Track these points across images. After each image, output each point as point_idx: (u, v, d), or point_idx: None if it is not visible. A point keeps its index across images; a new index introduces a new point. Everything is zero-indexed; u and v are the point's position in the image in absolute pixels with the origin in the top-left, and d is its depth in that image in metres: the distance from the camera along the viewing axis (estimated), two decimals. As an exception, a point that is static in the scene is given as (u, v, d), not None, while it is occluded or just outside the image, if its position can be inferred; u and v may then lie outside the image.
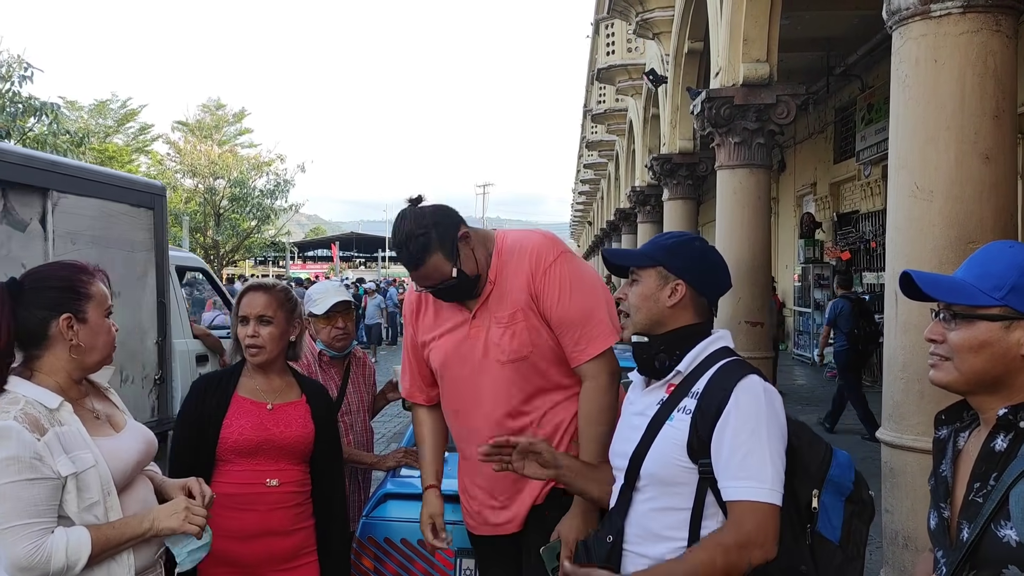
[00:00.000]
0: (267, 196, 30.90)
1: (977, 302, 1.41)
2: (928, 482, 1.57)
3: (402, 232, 2.32)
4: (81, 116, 31.10)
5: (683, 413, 1.82)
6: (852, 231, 14.73)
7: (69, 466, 1.82)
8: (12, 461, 1.76)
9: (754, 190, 7.36)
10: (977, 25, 3.43)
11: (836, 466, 1.81)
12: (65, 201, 4.14)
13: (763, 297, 7.53)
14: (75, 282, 1.97)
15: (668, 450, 1.81)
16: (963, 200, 3.46)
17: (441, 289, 2.37)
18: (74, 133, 20.39)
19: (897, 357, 3.68)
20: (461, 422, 2.52)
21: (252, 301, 2.58)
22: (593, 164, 30.46)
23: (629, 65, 14.98)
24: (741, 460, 1.72)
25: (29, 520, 1.77)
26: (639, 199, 16.04)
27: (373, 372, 3.54)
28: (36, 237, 3.99)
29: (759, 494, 1.70)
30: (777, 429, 1.77)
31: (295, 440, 2.55)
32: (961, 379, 1.45)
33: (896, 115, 3.73)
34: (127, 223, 4.66)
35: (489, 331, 2.39)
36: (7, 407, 1.83)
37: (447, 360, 2.47)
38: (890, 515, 3.73)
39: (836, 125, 15.26)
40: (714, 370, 1.84)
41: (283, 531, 2.52)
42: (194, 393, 2.63)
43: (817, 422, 10.04)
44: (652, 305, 1.92)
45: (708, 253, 1.99)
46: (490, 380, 2.39)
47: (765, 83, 7.31)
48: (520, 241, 2.43)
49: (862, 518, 1.81)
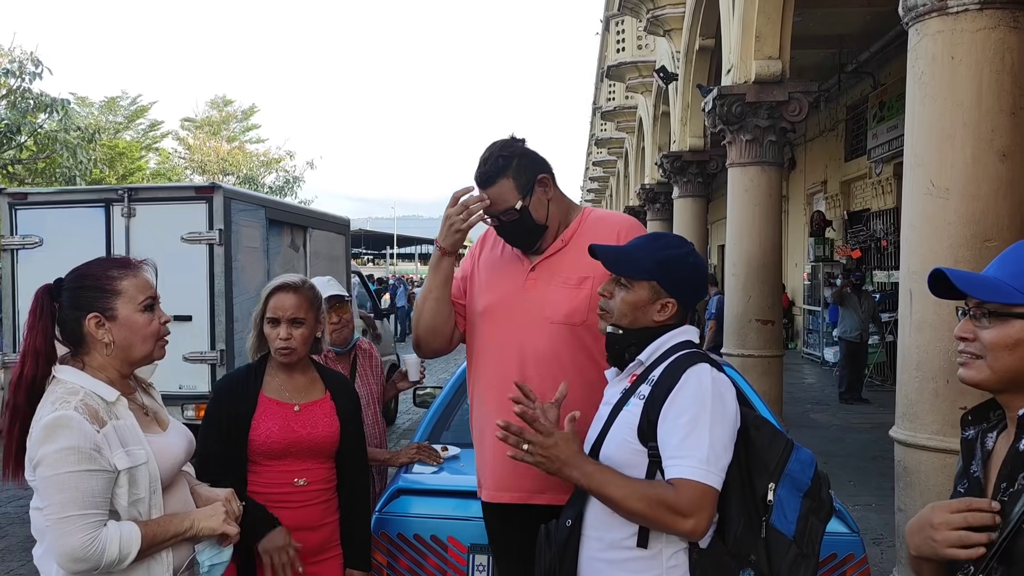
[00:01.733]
0: (276, 193, 30.99)
1: (1013, 300, 1.40)
2: (957, 484, 1.56)
3: (488, 151, 2.35)
4: (92, 112, 31.23)
5: (638, 398, 1.89)
6: (863, 229, 14.67)
7: (125, 460, 1.83)
8: (72, 451, 1.77)
9: (765, 188, 7.34)
10: (994, 21, 3.41)
11: (796, 461, 1.83)
12: (313, 233, 7.80)
13: (774, 295, 7.51)
14: (102, 279, 1.95)
15: (623, 434, 1.88)
16: (979, 198, 3.44)
17: (504, 224, 2.36)
18: (84, 129, 20.46)
19: (912, 356, 3.66)
20: (488, 368, 2.44)
21: (283, 303, 2.54)
22: (602, 161, 30.42)
23: (639, 62, 14.96)
24: (681, 440, 1.77)
25: (86, 511, 1.77)
26: (649, 197, 16.01)
27: (380, 362, 3.54)
28: (302, 256, 7.56)
29: (695, 472, 1.74)
30: (722, 415, 1.80)
31: (322, 440, 2.54)
32: (994, 377, 1.44)
33: (912, 112, 3.71)
34: (335, 243, 8.50)
35: (549, 287, 2.36)
36: (68, 397, 1.83)
37: (493, 305, 2.42)
38: (903, 514, 3.72)
39: (847, 123, 15.20)
40: (671, 359, 1.90)
41: (312, 526, 2.53)
42: (219, 394, 2.60)
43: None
44: (640, 315, 1.96)
45: (698, 270, 2.02)
46: (535, 337, 2.35)
47: (777, 80, 7.28)
48: (610, 215, 2.51)
49: (819, 515, 1.82)
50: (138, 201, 6.19)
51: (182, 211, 6.16)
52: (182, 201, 6.25)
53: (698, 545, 1.79)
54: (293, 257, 7.39)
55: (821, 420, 10.04)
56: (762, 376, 7.19)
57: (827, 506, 1.84)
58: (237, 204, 6.36)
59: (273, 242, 6.97)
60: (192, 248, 6.05)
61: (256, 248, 6.65)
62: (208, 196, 6.10)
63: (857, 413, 10.43)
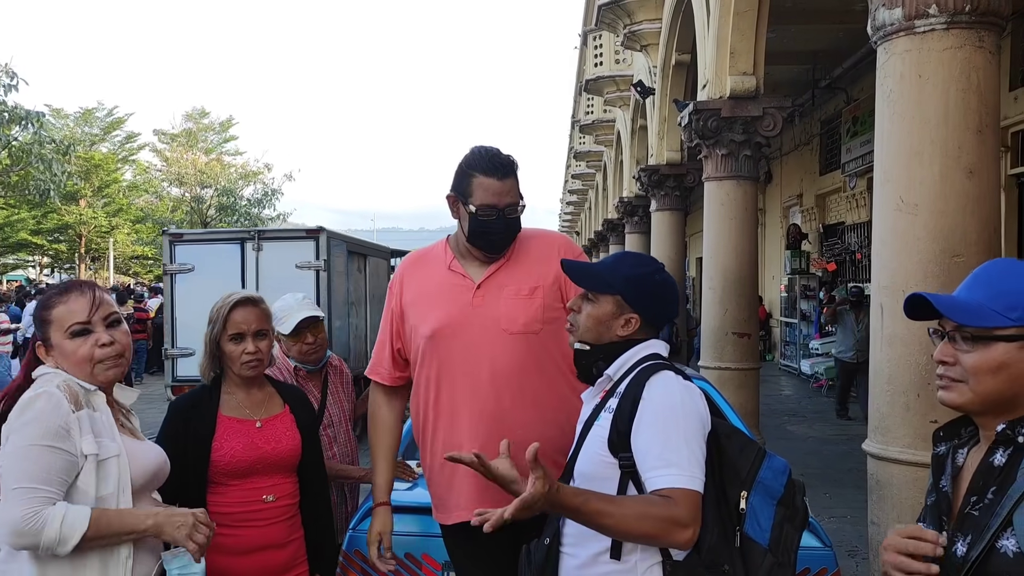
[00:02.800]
0: (255, 205, 30.83)
1: (994, 323, 1.40)
2: (927, 498, 1.58)
3: (495, 149, 2.46)
4: (67, 124, 30.93)
5: (607, 412, 1.90)
6: (838, 242, 14.83)
7: (93, 446, 1.84)
8: (38, 423, 1.78)
9: (741, 202, 7.40)
10: (960, 41, 3.47)
11: (768, 469, 1.84)
12: (370, 259, 10.51)
13: (750, 308, 7.55)
14: (41, 310, 2.02)
15: (595, 447, 1.89)
16: (947, 214, 3.49)
17: (505, 219, 2.41)
18: (59, 142, 20.27)
19: (883, 370, 3.70)
20: (455, 388, 2.43)
21: (246, 316, 2.54)
22: (581, 175, 30.54)
23: (617, 76, 15.05)
24: (660, 451, 1.76)
25: (35, 485, 1.76)
26: (627, 210, 16.09)
27: (350, 379, 3.53)
28: (363, 277, 10.17)
29: (683, 480, 1.73)
30: (694, 420, 1.81)
31: (287, 454, 2.54)
32: (976, 400, 1.43)
33: (881, 129, 3.76)
34: (380, 266, 11.36)
35: (499, 301, 2.42)
36: (51, 378, 1.90)
37: (442, 327, 2.43)
38: (876, 527, 3.75)
39: (822, 137, 15.38)
40: (636, 371, 1.91)
41: (279, 544, 2.51)
42: (174, 415, 2.55)
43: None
44: (604, 330, 1.98)
45: (665, 287, 2.03)
46: (498, 351, 2.39)
47: (752, 96, 7.35)
48: (542, 232, 2.61)
49: (794, 523, 1.82)
50: (264, 239, 8.68)
51: (296, 247, 8.62)
52: (296, 240, 8.80)
53: (671, 556, 1.78)
54: (359, 278, 10.03)
55: (798, 432, 10.10)
56: (739, 389, 7.23)
57: (802, 513, 1.85)
58: (333, 241, 8.74)
59: (349, 267, 9.46)
60: (303, 273, 8.38)
61: (342, 273, 9.15)
62: (315, 236, 8.57)
63: (835, 425, 10.51)
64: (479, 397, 2.39)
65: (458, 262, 2.50)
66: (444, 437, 2.46)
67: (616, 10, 11.25)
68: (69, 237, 32.66)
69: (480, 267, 2.47)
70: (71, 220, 30.87)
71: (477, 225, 2.40)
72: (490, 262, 2.47)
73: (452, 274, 2.49)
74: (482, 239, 2.43)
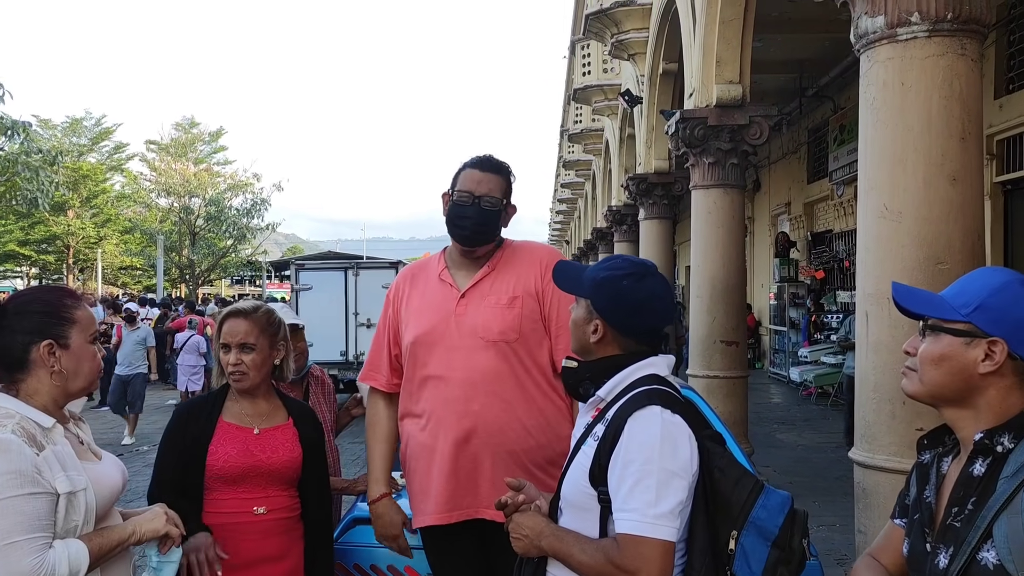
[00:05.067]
0: (244, 215, 30.72)
1: (946, 316, 1.44)
2: (905, 499, 1.57)
3: (488, 155, 2.61)
4: (55, 135, 30.82)
5: (593, 439, 1.82)
6: (826, 250, 14.87)
7: (66, 484, 1.79)
8: (14, 475, 1.72)
9: (728, 210, 7.41)
10: (943, 49, 3.48)
11: (762, 507, 1.72)
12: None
13: (738, 316, 7.56)
14: (58, 307, 1.93)
15: (577, 475, 1.82)
16: (931, 221, 3.50)
17: (480, 207, 2.49)
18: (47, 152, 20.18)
19: (868, 378, 3.69)
20: (433, 393, 2.52)
21: (233, 328, 2.51)
22: (570, 183, 30.59)
23: (605, 85, 15.10)
24: (628, 491, 1.69)
25: (32, 535, 1.72)
26: (616, 218, 16.11)
27: (332, 389, 3.51)
28: None
29: (640, 528, 1.66)
30: (672, 461, 1.70)
31: (283, 465, 2.50)
32: (923, 390, 1.48)
33: (865, 137, 3.77)
34: None
35: (480, 310, 2.48)
36: (3, 420, 1.79)
37: (423, 335, 2.52)
38: (863, 535, 3.73)
39: (809, 145, 15.45)
40: (626, 397, 1.80)
41: (276, 557, 2.48)
42: (177, 419, 2.56)
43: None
44: (580, 335, 1.93)
45: (633, 292, 1.87)
46: (475, 358, 2.45)
47: (738, 104, 7.38)
48: (532, 245, 2.69)
49: (788, 567, 1.70)
50: (361, 268, 12.80)
51: (382, 273, 12.42)
52: (382, 268, 12.86)
53: None
54: None
55: (787, 440, 10.10)
56: (727, 397, 7.23)
57: (798, 556, 1.72)
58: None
59: None
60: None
61: None
62: (396, 265, 12.64)
63: (823, 433, 10.51)
64: (453, 402, 2.46)
65: (448, 272, 2.59)
66: (421, 439, 2.53)
67: (604, 19, 11.30)
68: (57, 248, 32.49)
69: (467, 275, 2.56)
70: (59, 231, 30.72)
71: (452, 210, 2.53)
72: (476, 268, 2.55)
73: (441, 283, 2.58)
74: (455, 227, 2.53)
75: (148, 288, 34.54)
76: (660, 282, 1.92)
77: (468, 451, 2.43)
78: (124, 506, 2.14)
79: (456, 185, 2.55)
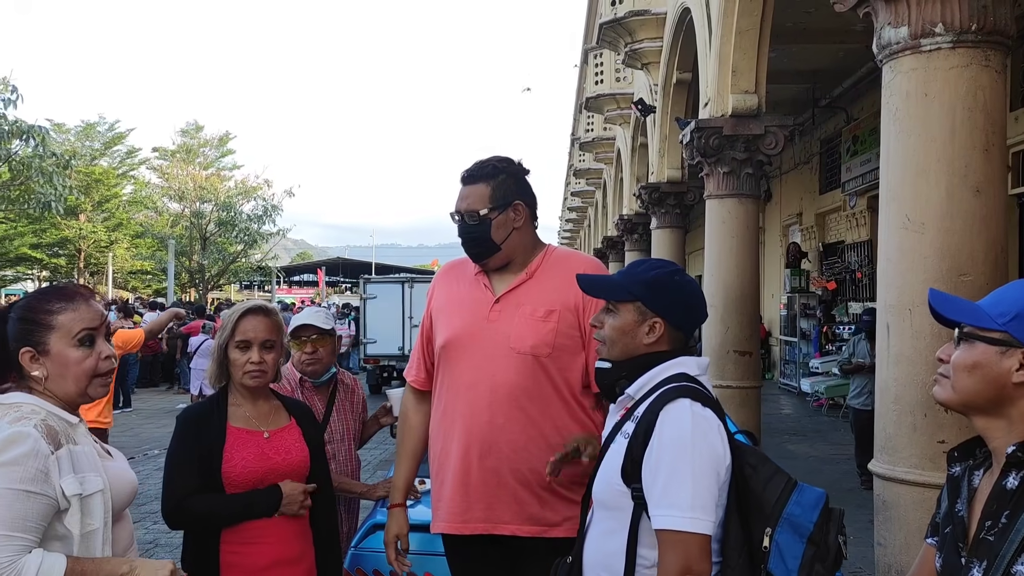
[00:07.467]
0: (254, 221, 30.82)
1: (981, 324, 1.44)
2: (936, 518, 1.55)
3: (488, 158, 2.48)
4: (68, 139, 31.00)
5: (623, 436, 1.83)
6: (838, 261, 14.83)
7: (75, 487, 1.75)
8: (16, 466, 1.68)
9: (743, 220, 7.39)
10: (967, 60, 3.47)
11: (796, 504, 1.73)
12: None
13: (752, 326, 7.53)
14: (39, 312, 1.85)
15: (608, 473, 1.83)
16: (954, 233, 3.47)
17: (463, 223, 2.44)
18: (60, 156, 20.30)
19: (890, 389, 3.67)
20: (456, 400, 2.45)
21: (256, 326, 2.49)
22: (580, 192, 30.59)
23: (617, 94, 15.10)
24: (663, 487, 1.70)
25: (12, 533, 1.67)
26: (627, 227, 16.09)
27: (363, 400, 3.48)
28: None
29: (679, 522, 1.68)
30: (704, 456, 1.72)
31: (296, 465, 2.50)
32: (955, 398, 1.47)
33: (887, 147, 3.75)
34: None
35: (513, 319, 2.39)
36: (30, 415, 1.76)
37: (455, 338, 2.44)
38: (883, 548, 3.70)
39: (822, 156, 15.42)
40: (656, 394, 1.81)
41: (293, 559, 2.47)
42: (187, 426, 2.50)
43: None
44: (629, 340, 1.90)
45: (687, 287, 1.94)
46: (502, 368, 2.36)
47: (754, 114, 7.36)
48: (574, 254, 2.59)
49: (824, 563, 1.71)
50: (415, 282, 15.81)
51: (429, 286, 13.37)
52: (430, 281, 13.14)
53: None
54: None
55: (798, 451, 10.05)
56: (740, 407, 7.19)
57: (834, 552, 1.73)
58: None
59: None
60: None
61: None
62: None
63: (835, 444, 10.46)
64: (474, 411, 2.39)
65: (485, 273, 2.50)
66: (441, 446, 2.49)
67: (617, 28, 11.31)
68: (68, 251, 32.64)
69: (504, 279, 2.47)
70: (70, 234, 30.87)
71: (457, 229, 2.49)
72: (512, 272, 2.46)
73: (476, 285, 2.49)
74: (462, 245, 2.49)
75: (158, 292, 34.63)
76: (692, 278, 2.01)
77: (486, 465, 2.35)
78: (134, 509, 2.08)
79: None
